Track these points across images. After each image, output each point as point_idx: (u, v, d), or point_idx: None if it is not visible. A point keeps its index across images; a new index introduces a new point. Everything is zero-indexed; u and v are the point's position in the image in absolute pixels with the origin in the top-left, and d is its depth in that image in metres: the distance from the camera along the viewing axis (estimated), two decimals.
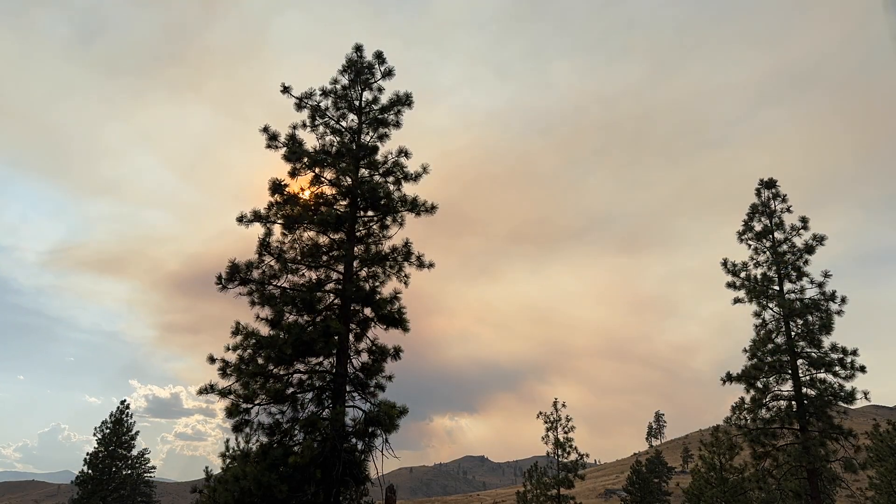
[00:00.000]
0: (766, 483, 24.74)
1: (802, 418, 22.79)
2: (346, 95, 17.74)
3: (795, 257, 24.31)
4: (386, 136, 17.64)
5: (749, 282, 24.84)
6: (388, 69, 17.78)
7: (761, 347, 23.91)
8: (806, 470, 22.72)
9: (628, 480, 65.70)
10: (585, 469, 43.72)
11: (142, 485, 51.32)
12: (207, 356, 15.02)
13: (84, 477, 45.89)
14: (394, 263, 16.63)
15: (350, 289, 15.72)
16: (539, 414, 42.59)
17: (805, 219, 24.63)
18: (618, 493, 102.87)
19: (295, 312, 15.56)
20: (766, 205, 25.63)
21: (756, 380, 23.62)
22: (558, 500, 40.30)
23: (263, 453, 14.23)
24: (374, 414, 14.82)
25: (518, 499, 42.48)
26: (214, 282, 15.32)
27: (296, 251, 16.25)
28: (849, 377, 22.43)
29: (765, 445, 23.57)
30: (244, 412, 14.74)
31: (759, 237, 25.31)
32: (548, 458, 42.34)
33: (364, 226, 17.02)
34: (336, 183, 16.83)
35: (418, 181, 17.09)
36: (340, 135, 17.66)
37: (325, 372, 15.57)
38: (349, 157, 17.09)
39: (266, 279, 15.73)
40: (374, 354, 16.20)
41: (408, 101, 17.69)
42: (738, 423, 24.23)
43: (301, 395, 15.41)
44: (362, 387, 15.89)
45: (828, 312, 23.19)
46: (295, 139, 17.08)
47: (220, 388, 14.70)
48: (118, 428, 48.30)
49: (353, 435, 14.95)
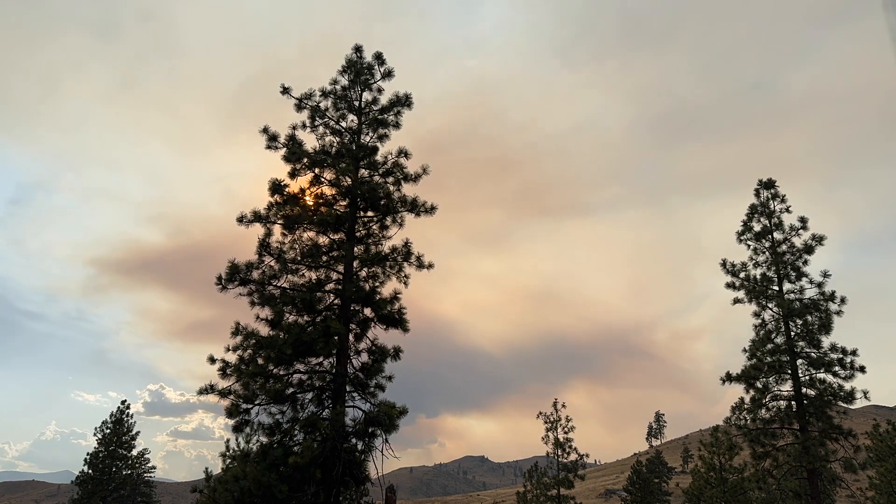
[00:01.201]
0: (766, 483, 24.75)
1: (802, 418, 22.82)
2: (345, 96, 17.76)
3: (795, 257, 24.35)
4: (386, 136, 17.67)
5: (748, 282, 24.88)
6: (387, 70, 17.82)
7: (761, 347, 23.95)
8: (806, 470, 22.73)
9: (628, 480, 65.75)
10: (585, 469, 43.79)
11: (142, 485, 51.35)
12: (207, 356, 15.06)
13: (84, 477, 45.89)
14: (394, 264, 16.66)
15: (350, 289, 15.74)
16: (539, 414, 42.66)
17: (804, 219, 24.67)
18: (618, 493, 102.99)
19: (295, 313, 15.59)
20: (765, 205, 25.67)
21: (756, 380, 23.64)
22: (558, 500, 40.33)
23: (263, 453, 14.26)
24: (374, 414, 14.85)
25: (518, 499, 42.48)
26: (214, 282, 15.36)
27: (296, 251, 16.27)
28: (848, 377, 22.48)
29: (765, 445, 23.59)
30: (244, 412, 14.77)
31: (759, 237, 25.34)
32: (548, 458, 42.38)
33: (364, 226, 17.04)
34: (336, 183, 16.85)
35: (418, 181, 17.14)
36: (340, 135, 17.69)
37: (325, 372, 15.59)
38: (349, 157, 17.10)
39: (266, 279, 15.75)
40: (374, 354, 16.22)
41: (407, 101, 17.72)
42: (737, 423, 24.25)
43: (301, 395, 15.43)
44: (362, 387, 15.91)
45: (827, 312, 23.22)
46: (295, 140, 17.11)
47: (220, 389, 14.74)
48: (118, 428, 48.33)
49: (353, 435, 14.97)
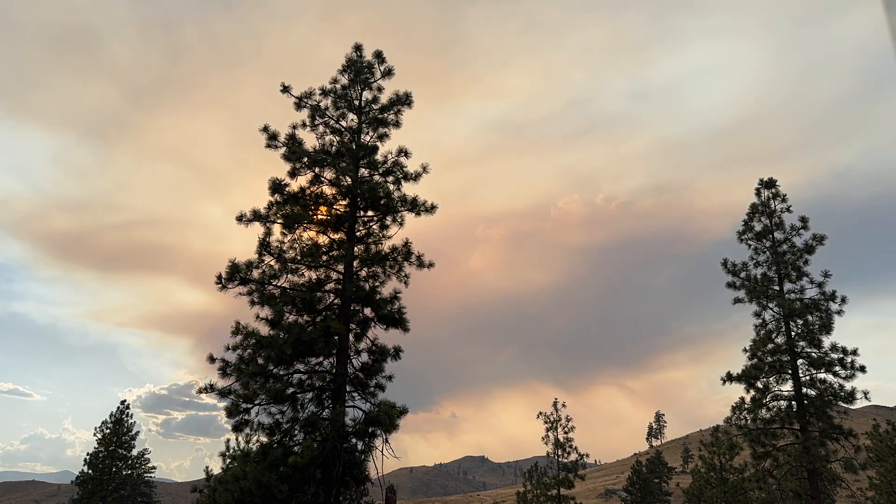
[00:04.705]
0: (766, 483, 24.74)
1: (802, 418, 22.79)
2: (345, 95, 17.73)
3: (795, 257, 24.32)
4: (386, 135, 17.64)
5: (749, 282, 24.85)
6: (387, 69, 17.79)
7: (761, 347, 23.92)
8: (806, 470, 22.70)
9: (628, 480, 65.74)
10: (585, 469, 43.81)
11: (142, 485, 51.37)
12: (207, 356, 15.03)
13: (84, 477, 45.91)
14: (394, 263, 16.63)
15: (350, 289, 15.71)
16: (539, 414, 42.66)
17: (805, 218, 24.64)
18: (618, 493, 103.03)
19: (295, 312, 15.56)
20: (766, 204, 25.64)
21: (756, 380, 23.61)
22: (558, 500, 40.32)
23: (263, 453, 14.22)
24: (374, 414, 14.83)
25: (518, 499, 42.47)
26: (214, 282, 15.33)
27: (296, 251, 16.24)
28: (849, 377, 22.45)
29: (765, 445, 23.57)
30: (244, 412, 14.74)
31: (759, 237, 25.31)
32: (548, 458, 42.39)
33: (364, 225, 17.01)
34: (336, 183, 16.80)
35: (418, 181, 17.10)
36: (340, 134, 17.66)
37: (325, 372, 15.56)
38: (349, 156, 17.07)
39: (266, 279, 15.72)
40: (374, 354, 16.19)
41: (407, 100, 17.69)
42: (738, 424, 24.23)
43: (301, 395, 15.40)
44: (362, 387, 15.89)
45: (828, 312, 23.20)
46: (294, 139, 17.08)
47: (220, 388, 14.71)
48: (118, 428, 48.31)
49: (353, 435, 14.95)
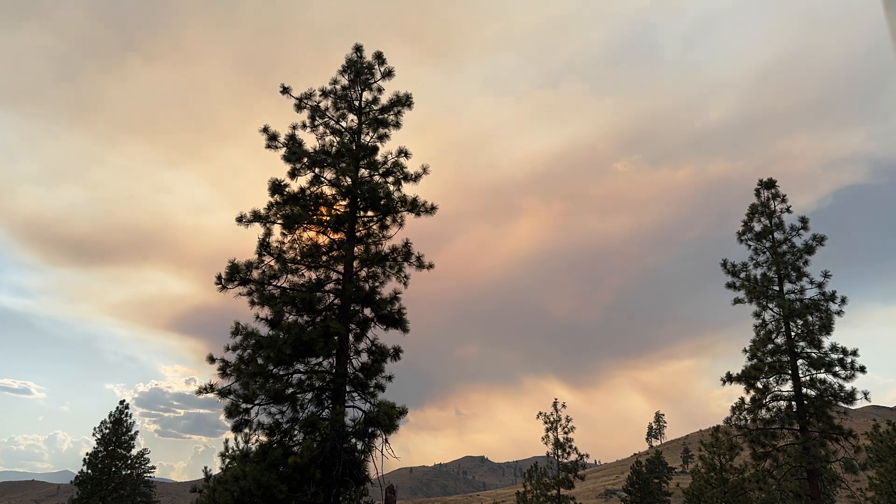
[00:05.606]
0: (766, 483, 24.72)
1: (802, 419, 22.79)
2: (345, 96, 17.74)
3: (795, 257, 24.32)
4: (386, 136, 17.65)
5: (749, 282, 24.85)
6: (387, 69, 17.80)
7: (761, 348, 23.93)
8: (806, 470, 22.71)
9: (628, 481, 65.71)
10: (585, 469, 43.81)
11: (141, 485, 51.35)
12: (207, 356, 15.04)
13: (84, 477, 45.89)
14: (394, 264, 16.64)
15: (350, 289, 15.72)
16: (539, 414, 42.68)
17: (805, 219, 24.66)
18: (618, 493, 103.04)
19: (295, 312, 15.57)
20: (766, 205, 25.66)
21: (756, 380, 23.62)
22: (558, 500, 40.32)
23: (263, 453, 14.23)
24: (374, 414, 14.83)
25: (518, 499, 42.47)
26: (214, 282, 15.34)
27: (295, 251, 16.26)
28: (849, 377, 22.46)
29: (765, 446, 23.57)
30: (244, 412, 14.75)
31: (759, 237, 25.32)
32: (548, 458, 42.40)
33: (364, 226, 17.02)
34: (336, 183, 16.82)
35: (418, 181, 17.11)
36: (340, 135, 17.67)
37: (324, 372, 15.57)
38: (349, 157, 17.09)
39: (266, 279, 15.73)
40: (374, 355, 16.21)
41: (408, 101, 17.71)
42: (738, 424, 24.24)
43: (301, 395, 15.40)
44: (362, 387, 15.90)
45: (828, 313, 23.20)
46: (295, 139, 17.10)
47: (220, 388, 14.72)
48: (118, 428, 48.31)
49: (353, 435, 14.95)
